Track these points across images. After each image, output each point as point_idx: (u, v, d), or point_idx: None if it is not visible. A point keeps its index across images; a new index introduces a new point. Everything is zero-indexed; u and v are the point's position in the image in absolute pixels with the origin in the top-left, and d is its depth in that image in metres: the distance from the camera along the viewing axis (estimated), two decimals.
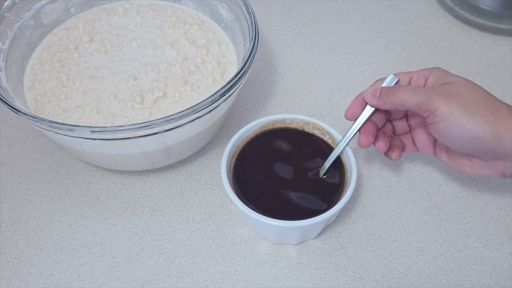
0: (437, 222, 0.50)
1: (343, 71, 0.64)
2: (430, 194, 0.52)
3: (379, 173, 0.54)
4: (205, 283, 0.46)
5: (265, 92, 0.61)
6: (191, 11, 0.60)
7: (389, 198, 0.52)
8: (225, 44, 0.57)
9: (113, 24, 0.58)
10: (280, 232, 0.45)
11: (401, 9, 0.72)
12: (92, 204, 0.52)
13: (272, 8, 0.72)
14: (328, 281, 0.46)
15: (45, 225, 0.50)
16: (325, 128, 0.49)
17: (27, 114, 0.43)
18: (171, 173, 0.54)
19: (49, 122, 0.43)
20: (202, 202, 0.52)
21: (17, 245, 0.49)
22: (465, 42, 0.67)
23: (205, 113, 0.45)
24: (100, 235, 0.49)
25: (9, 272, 0.47)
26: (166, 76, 0.53)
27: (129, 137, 0.43)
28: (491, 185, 0.53)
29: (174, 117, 0.43)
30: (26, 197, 0.52)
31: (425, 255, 0.48)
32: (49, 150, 0.56)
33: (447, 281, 0.46)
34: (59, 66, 0.54)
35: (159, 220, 0.50)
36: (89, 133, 0.42)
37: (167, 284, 0.46)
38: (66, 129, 0.42)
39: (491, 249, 0.48)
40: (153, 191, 0.53)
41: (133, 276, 0.47)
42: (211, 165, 0.55)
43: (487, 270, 0.47)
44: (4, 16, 0.52)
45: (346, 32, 0.68)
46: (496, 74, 0.63)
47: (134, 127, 0.42)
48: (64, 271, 0.47)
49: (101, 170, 0.54)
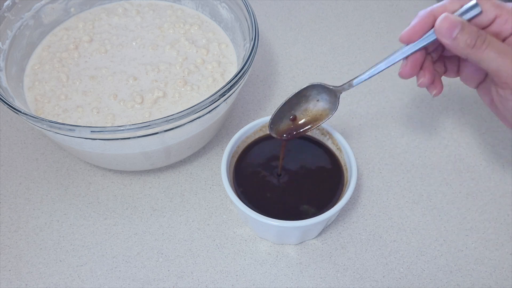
0: (437, 222, 0.50)
1: (343, 71, 0.64)
2: (430, 194, 0.52)
3: (379, 173, 0.54)
4: (205, 283, 0.46)
5: (265, 92, 0.61)
6: (191, 11, 0.60)
7: (389, 198, 0.52)
8: (225, 44, 0.57)
9: (113, 24, 0.58)
10: (280, 232, 0.45)
11: (401, 9, 0.72)
12: (92, 204, 0.52)
13: (272, 8, 0.72)
14: (328, 281, 0.46)
15: (45, 225, 0.50)
16: (325, 128, 0.49)
17: (27, 114, 0.43)
18: (171, 173, 0.54)
19: (49, 122, 0.43)
20: (202, 202, 0.52)
21: (17, 245, 0.49)
22: None
23: (205, 113, 0.45)
24: (100, 235, 0.49)
25: (9, 272, 0.47)
26: (166, 76, 0.53)
27: (129, 137, 0.43)
28: (491, 185, 0.53)
29: (174, 117, 0.43)
30: (26, 197, 0.52)
31: (425, 255, 0.48)
32: (49, 150, 0.56)
33: (447, 281, 0.46)
34: (59, 66, 0.54)
35: (159, 220, 0.50)
36: (89, 133, 0.42)
37: (167, 284, 0.46)
38: (66, 129, 0.42)
39: (491, 249, 0.48)
40: (153, 191, 0.53)
41: (133, 276, 0.47)
42: (211, 165, 0.55)
43: (487, 270, 0.47)
44: (4, 16, 0.52)
45: (346, 32, 0.68)
46: None
47: (134, 127, 0.42)
48: (64, 271, 0.47)
49: (101, 170, 0.54)
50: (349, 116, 0.59)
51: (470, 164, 0.55)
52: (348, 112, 0.59)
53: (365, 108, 0.59)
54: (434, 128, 0.58)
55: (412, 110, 0.59)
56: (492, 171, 0.54)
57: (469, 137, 0.57)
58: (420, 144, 0.56)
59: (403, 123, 0.58)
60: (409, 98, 0.60)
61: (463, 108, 0.60)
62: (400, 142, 0.57)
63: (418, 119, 0.59)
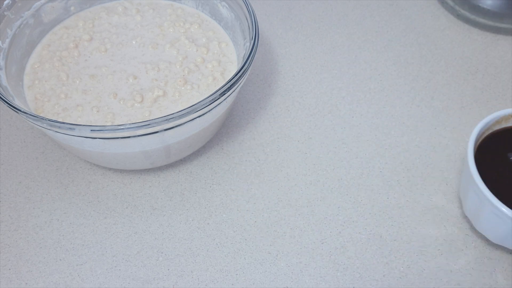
0: (438, 221, 0.50)
1: (344, 70, 0.64)
2: (430, 193, 0.52)
3: (379, 172, 0.54)
4: (205, 282, 0.46)
5: (265, 91, 0.61)
6: (191, 10, 0.60)
7: (389, 197, 0.52)
8: (225, 43, 0.56)
9: (113, 23, 0.58)
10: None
11: (401, 8, 0.72)
12: (92, 203, 0.51)
13: (272, 7, 0.71)
14: (328, 281, 0.46)
15: (45, 224, 0.50)
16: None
17: (26, 113, 0.43)
18: (171, 172, 0.54)
19: (49, 121, 0.43)
20: (202, 201, 0.52)
21: (17, 244, 0.49)
22: (466, 41, 0.67)
23: (205, 112, 0.45)
24: (100, 234, 0.49)
25: (9, 271, 0.47)
26: (166, 75, 0.53)
27: (129, 136, 0.43)
28: None
29: (174, 116, 0.43)
30: (26, 196, 0.52)
31: (425, 254, 0.48)
32: (49, 149, 0.56)
33: (447, 281, 0.46)
34: (59, 65, 0.54)
35: (159, 219, 0.50)
36: (89, 132, 0.42)
37: (167, 283, 0.46)
38: (66, 128, 0.42)
39: (491, 248, 0.48)
40: (153, 190, 0.53)
41: (133, 275, 0.47)
42: (211, 164, 0.54)
43: (487, 269, 0.47)
44: (4, 14, 0.52)
45: (346, 31, 0.68)
46: (496, 74, 0.63)
47: (134, 126, 0.42)
48: (64, 270, 0.47)
49: (101, 169, 0.54)
50: (349, 115, 0.59)
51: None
52: (348, 111, 0.59)
53: (365, 107, 0.59)
54: (434, 127, 0.58)
55: (412, 109, 0.59)
56: None
57: (470, 136, 0.57)
58: (420, 143, 0.56)
59: (403, 122, 0.58)
60: (409, 97, 0.60)
61: (462, 107, 0.60)
62: (400, 141, 0.56)
63: (418, 118, 0.59)
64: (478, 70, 0.63)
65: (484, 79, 0.62)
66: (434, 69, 0.64)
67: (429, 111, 0.59)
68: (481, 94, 0.61)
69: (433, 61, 0.64)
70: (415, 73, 0.63)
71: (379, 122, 0.58)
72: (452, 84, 0.62)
